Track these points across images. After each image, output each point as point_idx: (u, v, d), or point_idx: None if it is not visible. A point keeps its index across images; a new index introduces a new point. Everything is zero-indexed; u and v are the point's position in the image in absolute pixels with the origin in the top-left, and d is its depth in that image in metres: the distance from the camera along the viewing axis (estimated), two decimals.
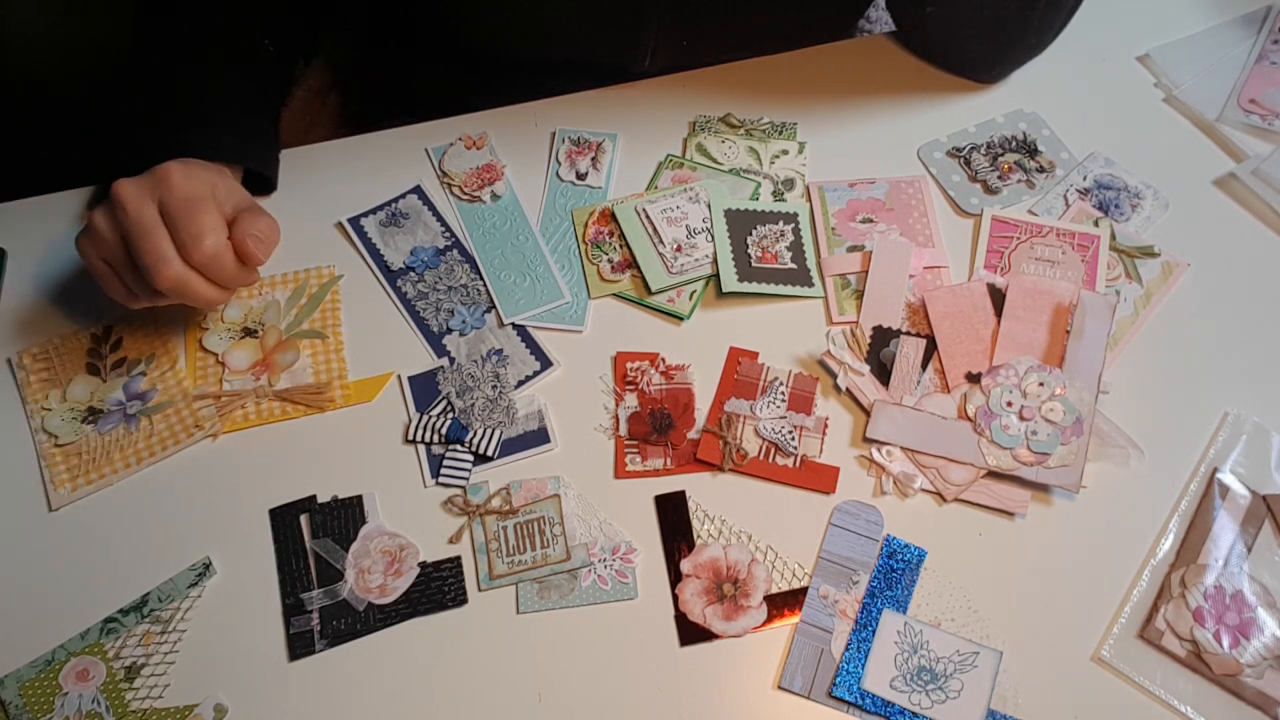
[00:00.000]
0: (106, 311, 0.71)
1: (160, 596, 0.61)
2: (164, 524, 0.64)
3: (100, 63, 1.03)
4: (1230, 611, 0.58)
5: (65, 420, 0.67)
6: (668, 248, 0.72)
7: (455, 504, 0.64)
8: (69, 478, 0.65)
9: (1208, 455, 0.64)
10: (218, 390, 0.68)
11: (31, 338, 0.71)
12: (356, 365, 0.70)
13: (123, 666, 0.59)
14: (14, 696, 0.58)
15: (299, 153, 0.80)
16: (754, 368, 0.68)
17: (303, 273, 0.73)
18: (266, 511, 0.64)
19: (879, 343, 0.67)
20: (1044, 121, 0.79)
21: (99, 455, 0.66)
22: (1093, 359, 0.65)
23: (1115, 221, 0.73)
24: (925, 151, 0.78)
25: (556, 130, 0.80)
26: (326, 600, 0.61)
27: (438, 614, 0.60)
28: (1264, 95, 0.79)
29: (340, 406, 0.68)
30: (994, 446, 0.63)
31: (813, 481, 0.64)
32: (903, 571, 0.60)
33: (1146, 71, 0.82)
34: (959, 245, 0.73)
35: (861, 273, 0.71)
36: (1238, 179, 0.75)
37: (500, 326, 0.70)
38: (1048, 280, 0.69)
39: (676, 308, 0.71)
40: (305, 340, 0.70)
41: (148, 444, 0.66)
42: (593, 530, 0.63)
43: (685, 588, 0.60)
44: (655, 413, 0.66)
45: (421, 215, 0.76)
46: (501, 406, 0.67)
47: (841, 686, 0.57)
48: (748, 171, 0.77)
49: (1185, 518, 0.62)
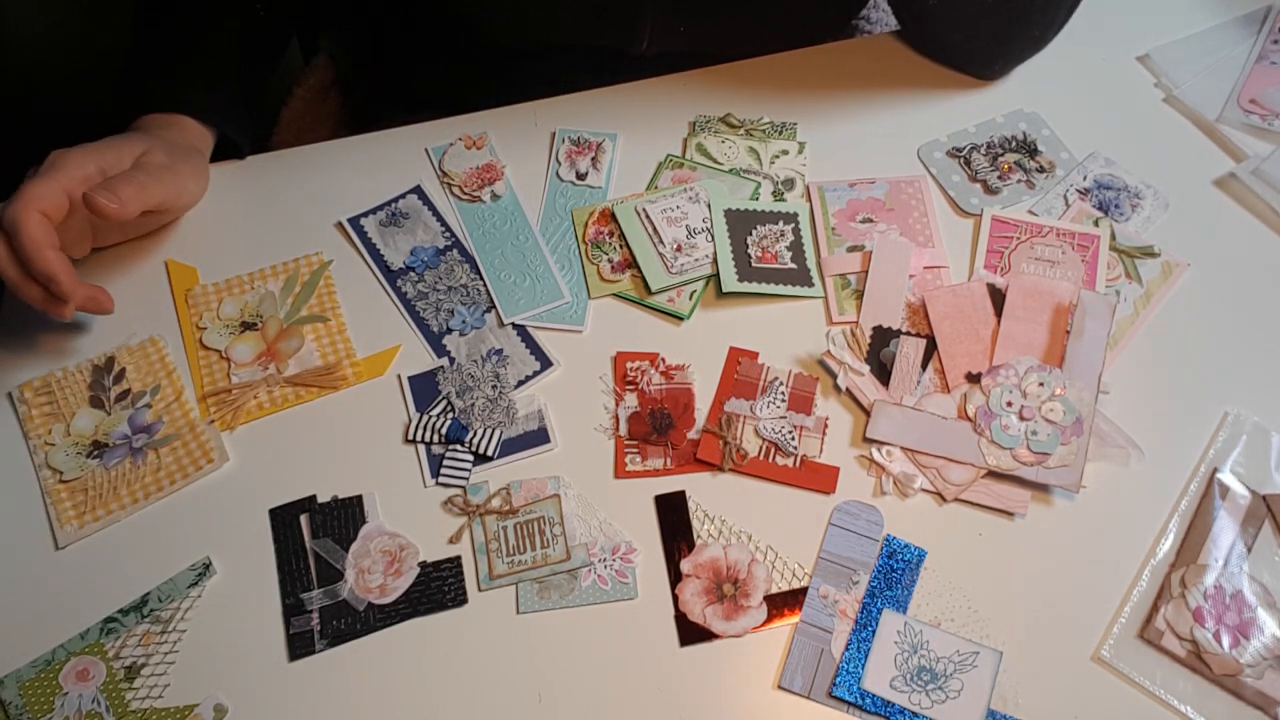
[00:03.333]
0: (107, 340, 0.71)
1: (160, 596, 0.61)
2: (164, 524, 0.64)
3: (100, 63, 1.03)
4: (1230, 611, 0.58)
5: (70, 455, 0.65)
6: (668, 248, 0.72)
7: (455, 504, 0.64)
8: (75, 514, 0.64)
9: (1208, 455, 0.64)
10: (228, 384, 0.68)
11: (31, 369, 0.69)
12: (361, 345, 0.70)
13: (123, 666, 0.59)
14: (14, 696, 0.58)
15: (299, 152, 0.80)
16: (754, 368, 0.68)
17: (292, 263, 0.74)
18: (266, 511, 0.64)
19: (879, 343, 0.67)
20: (1044, 121, 0.79)
21: (105, 491, 0.64)
22: (1093, 359, 0.65)
23: (1115, 221, 0.73)
24: (925, 151, 0.78)
25: (557, 130, 0.80)
26: (326, 600, 0.61)
27: (438, 614, 0.60)
28: (1264, 95, 0.79)
29: (353, 384, 0.68)
30: (994, 446, 0.63)
31: (813, 481, 0.64)
32: (903, 571, 0.60)
33: (1146, 71, 0.82)
34: (959, 245, 0.73)
35: (861, 273, 0.71)
36: (1238, 179, 0.75)
37: (500, 326, 0.70)
38: (1048, 280, 0.69)
39: (676, 308, 0.71)
40: (307, 325, 0.71)
41: (155, 478, 0.65)
42: (593, 530, 0.63)
43: (685, 588, 0.60)
44: (655, 413, 0.66)
45: (421, 215, 0.76)
46: (501, 406, 0.67)
47: (841, 686, 0.57)
48: (748, 171, 0.77)
49: (1185, 518, 0.62)
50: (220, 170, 0.78)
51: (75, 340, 0.71)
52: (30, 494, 0.65)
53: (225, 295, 0.72)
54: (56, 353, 0.70)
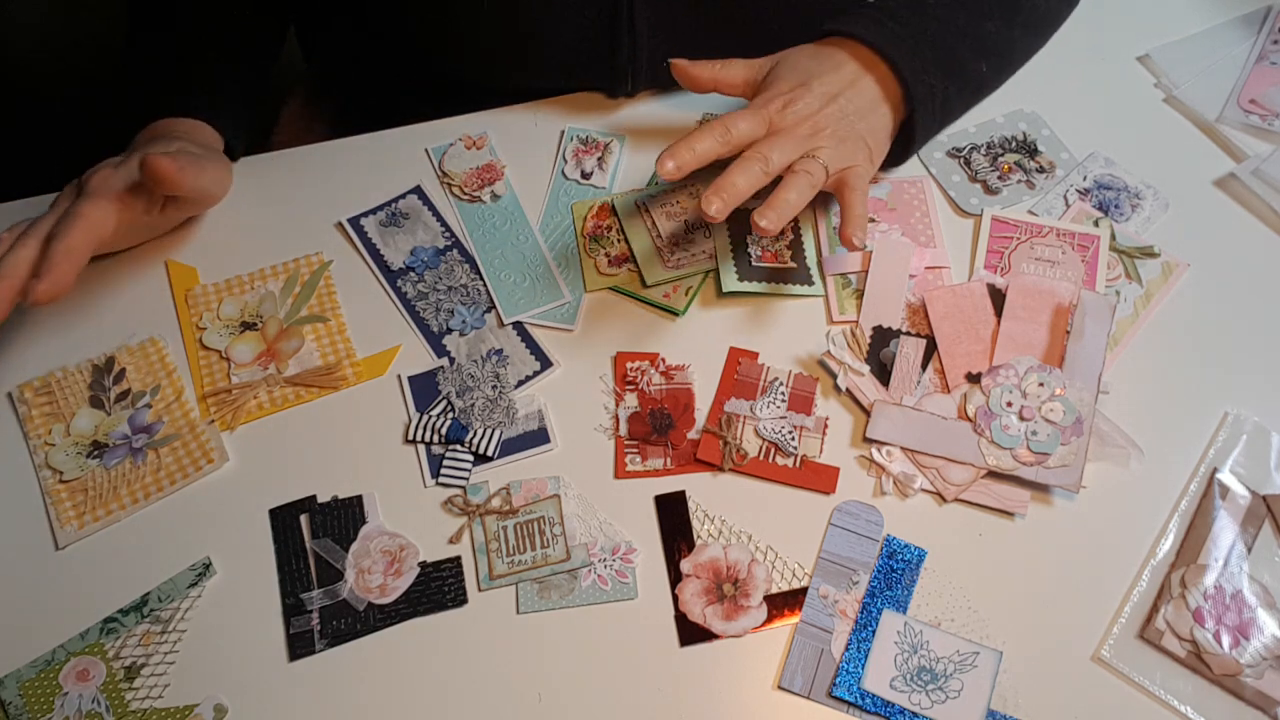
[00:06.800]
0: (107, 340, 0.71)
1: (160, 596, 0.61)
2: (164, 524, 0.64)
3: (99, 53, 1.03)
4: (1230, 611, 0.58)
5: (70, 455, 0.65)
6: (665, 242, 0.72)
7: (455, 504, 0.64)
8: (75, 515, 0.64)
9: (1208, 455, 0.64)
10: (228, 384, 0.68)
11: (31, 369, 0.69)
12: (361, 345, 0.70)
13: (123, 666, 0.59)
14: (14, 696, 0.58)
15: (299, 152, 0.80)
16: (754, 368, 0.68)
17: (291, 263, 0.74)
18: (266, 511, 0.64)
19: (879, 343, 0.67)
20: (1044, 121, 0.79)
21: (105, 491, 0.64)
22: (1093, 359, 0.65)
23: (1115, 221, 0.73)
24: (925, 151, 0.77)
25: (566, 128, 0.80)
26: (326, 600, 0.61)
27: (438, 614, 0.60)
28: (1264, 95, 0.79)
29: (353, 384, 0.68)
30: (994, 446, 0.63)
31: (813, 481, 0.64)
32: (903, 571, 0.60)
33: (1146, 71, 0.82)
34: (959, 245, 0.73)
35: (862, 272, 0.71)
36: (1238, 179, 0.75)
37: (500, 326, 0.70)
38: (1048, 280, 0.69)
39: (672, 303, 0.70)
40: (307, 326, 0.71)
41: (155, 478, 0.65)
42: (593, 530, 0.63)
43: (685, 588, 0.60)
44: (655, 413, 0.66)
45: (421, 215, 0.76)
46: (501, 406, 0.67)
47: (841, 686, 0.57)
48: None
49: (1185, 518, 0.62)
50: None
51: (75, 340, 0.71)
52: (30, 494, 0.65)
53: (225, 295, 0.72)
54: (56, 353, 0.70)
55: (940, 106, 0.72)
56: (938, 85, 0.70)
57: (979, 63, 0.74)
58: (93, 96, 0.99)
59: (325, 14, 0.90)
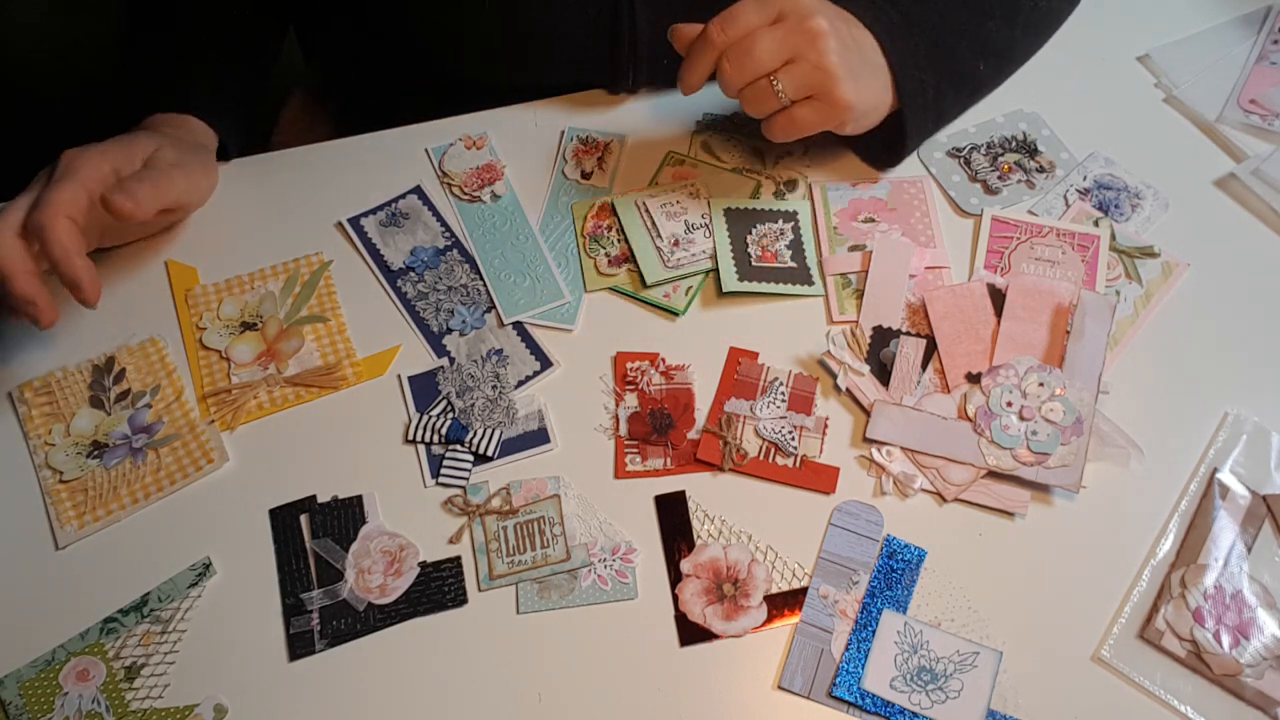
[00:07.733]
0: (107, 340, 0.70)
1: (160, 596, 0.61)
2: (164, 524, 0.64)
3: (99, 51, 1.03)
4: (1230, 611, 0.58)
5: (70, 455, 0.65)
6: (665, 241, 0.72)
7: (455, 504, 0.64)
8: (75, 515, 0.64)
9: (1208, 455, 0.64)
10: (228, 384, 0.68)
11: (31, 369, 0.69)
12: (361, 345, 0.70)
13: (123, 666, 0.59)
14: (14, 696, 0.58)
15: (299, 152, 0.80)
16: (754, 368, 0.68)
17: (292, 263, 0.74)
18: (266, 511, 0.64)
19: (879, 343, 0.67)
20: (1044, 121, 0.79)
21: (105, 491, 0.64)
22: (1093, 359, 0.65)
23: (1115, 221, 0.73)
24: (925, 151, 0.77)
25: (566, 128, 0.80)
26: (326, 600, 0.61)
27: (438, 614, 0.60)
28: (1264, 95, 0.79)
29: (353, 384, 0.68)
30: (994, 446, 0.63)
31: (813, 481, 0.64)
32: (903, 571, 0.60)
33: (1146, 71, 0.82)
34: (959, 245, 0.73)
35: (862, 272, 0.71)
36: (1238, 179, 0.75)
37: (500, 326, 0.70)
38: (1048, 280, 0.69)
39: (672, 303, 0.70)
40: (307, 326, 0.71)
41: (155, 478, 0.65)
42: (593, 530, 0.63)
43: (685, 588, 0.60)
44: (655, 413, 0.66)
45: (421, 215, 0.76)
46: (501, 406, 0.67)
47: (841, 686, 0.57)
48: (749, 170, 0.77)
49: (1185, 518, 0.62)
50: (220, 170, 0.78)
51: (75, 340, 0.71)
52: (30, 494, 0.65)
53: (225, 295, 0.72)
54: (56, 353, 0.70)
55: (932, 101, 0.71)
56: (929, 80, 0.70)
57: (977, 61, 0.74)
58: (93, 96, 0.99)
59: (325, 14, 0.90)
